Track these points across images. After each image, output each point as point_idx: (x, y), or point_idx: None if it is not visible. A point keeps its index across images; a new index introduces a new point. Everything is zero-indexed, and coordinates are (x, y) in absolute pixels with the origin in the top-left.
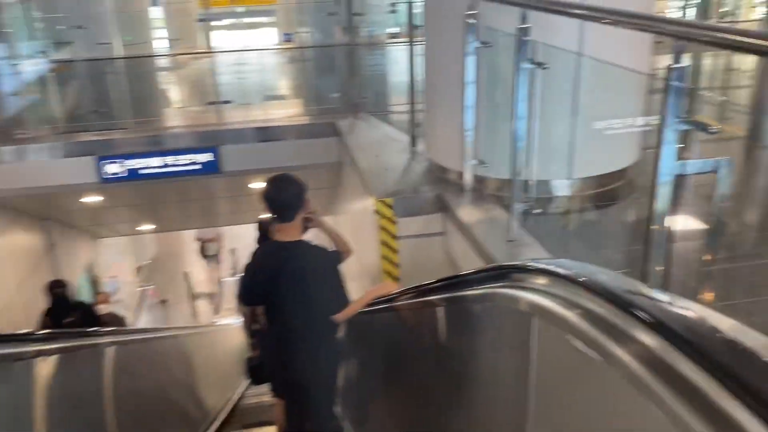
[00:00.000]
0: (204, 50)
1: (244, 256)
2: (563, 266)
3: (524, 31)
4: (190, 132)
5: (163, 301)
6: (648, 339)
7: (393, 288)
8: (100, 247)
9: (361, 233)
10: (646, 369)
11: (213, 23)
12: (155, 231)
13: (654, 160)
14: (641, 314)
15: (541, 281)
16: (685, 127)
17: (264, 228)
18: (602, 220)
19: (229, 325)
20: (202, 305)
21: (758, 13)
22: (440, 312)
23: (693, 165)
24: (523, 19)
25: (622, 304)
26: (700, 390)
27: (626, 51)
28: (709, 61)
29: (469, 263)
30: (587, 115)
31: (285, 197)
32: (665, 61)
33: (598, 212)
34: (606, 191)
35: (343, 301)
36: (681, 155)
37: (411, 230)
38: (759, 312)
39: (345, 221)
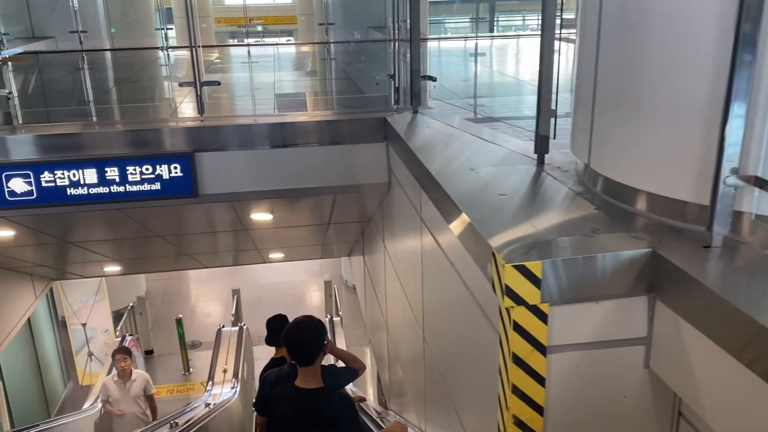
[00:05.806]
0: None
1: None
2: None
3: None
4: (148, 128)
5: (149, 352)
6: None
7: (403, 429)
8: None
9: (435, 289)
10: None
11: (230, 41)
12: (121, 273)
13: None
14: None
15: None
16: None
17: (275, 328)
18: None
19: (225, 401)
20: (201, 357)
21: None
22: None
23: None
24: None
25: None
26: None
27: None
28: None
29: None
30: None
31: (305, 343)
32: None
33: None
34: None
35: None
36: None
37: (576, 333)
38: None
39: (394, 270)
